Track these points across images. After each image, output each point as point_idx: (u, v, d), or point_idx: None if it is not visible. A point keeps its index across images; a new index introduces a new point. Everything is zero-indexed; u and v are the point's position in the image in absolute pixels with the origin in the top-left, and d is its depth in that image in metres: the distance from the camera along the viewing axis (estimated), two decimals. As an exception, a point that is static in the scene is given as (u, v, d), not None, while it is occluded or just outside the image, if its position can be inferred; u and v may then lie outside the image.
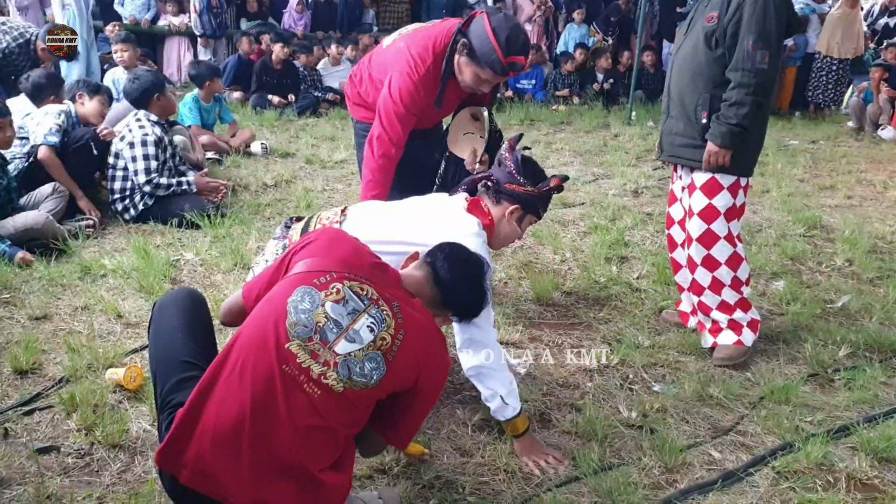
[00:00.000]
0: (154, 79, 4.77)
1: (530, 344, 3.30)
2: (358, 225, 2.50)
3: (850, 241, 4.74)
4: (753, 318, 3.22)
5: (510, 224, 2.61)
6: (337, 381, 1.79)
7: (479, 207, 2.55)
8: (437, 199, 2.67)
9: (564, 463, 2.46)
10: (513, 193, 2.59)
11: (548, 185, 2.61)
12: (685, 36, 3.14)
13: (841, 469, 2.47)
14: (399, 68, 3.02)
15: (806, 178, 6.68)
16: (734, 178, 3.05)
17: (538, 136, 8.07)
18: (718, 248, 3.12)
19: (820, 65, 10.10)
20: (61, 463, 2.35)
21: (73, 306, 3.41)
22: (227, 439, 1.74)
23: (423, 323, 1.95)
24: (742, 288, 3.18)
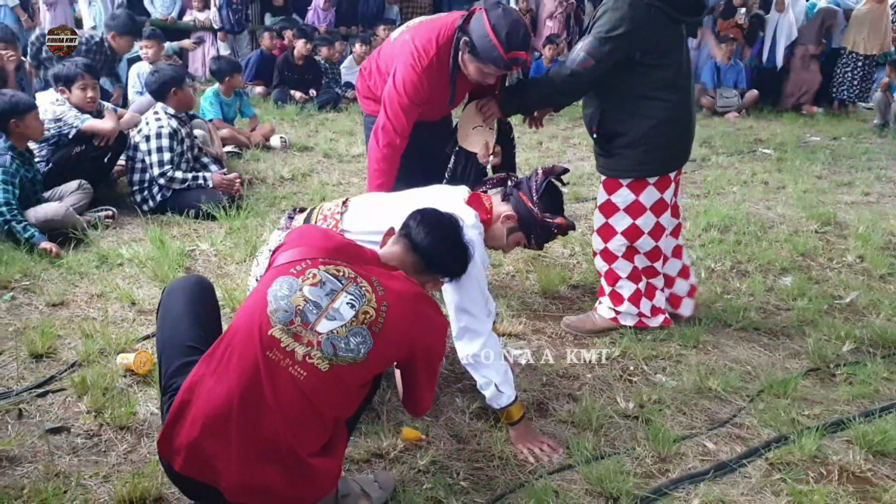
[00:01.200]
0: (173, 73, 4.87)
1: (533, 336, 3.34)
2: (359, 216, 2.56)
3: (863, 237, 4.72)
4: (656, 305, 3.37)
5: (501, 228, 2.67)
6: (322, 359, 1.84)
7: (479, 201, 2.60)
8: (438, 190, 2.72)
9: (559, 451, 2.50)
10: (519, 203, 2.64)
11: (553, 218, 2.65)
12: None
13: (834, 462, 2.49)
14: (403, 60, 3.08)
15: (824, 174, 6.64)
16: (631, 179, 3.17)
17: (556, 131, 8.09)
18: (615, 242, 3.26)
19: (846, 60, 10.00)
20: (71, 443, 2.44)
21: (89, 294, 3.51)
22: (216, 426, 1.80)
23: (406, 291, 1.99)
24: (641, 280, 3.33)
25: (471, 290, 2.44)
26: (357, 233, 2.52)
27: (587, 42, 2.98)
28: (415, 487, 2.30)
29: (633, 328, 3.33)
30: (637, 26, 2.91)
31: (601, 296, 3.42)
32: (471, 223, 2.48)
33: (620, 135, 3.11)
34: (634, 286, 3.31)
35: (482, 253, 2.52)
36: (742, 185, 6.12)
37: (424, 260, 2.12)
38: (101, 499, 2.18)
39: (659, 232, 3.27)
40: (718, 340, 3.34)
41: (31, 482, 2.21)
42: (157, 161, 4.61)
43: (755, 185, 6.11)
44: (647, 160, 3.15)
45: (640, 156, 3.13)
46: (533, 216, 2.63)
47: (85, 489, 2.21)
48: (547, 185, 2.66)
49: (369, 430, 2.54)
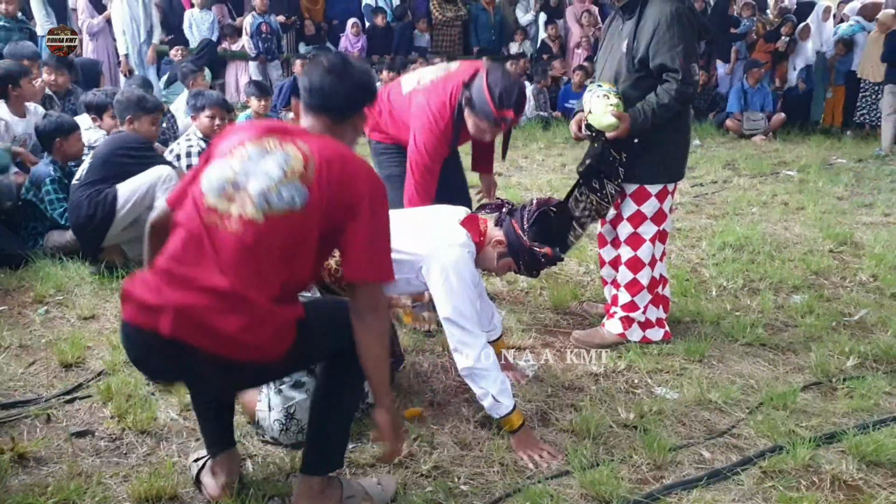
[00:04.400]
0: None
1: (542, 349, 3.44)
2: None
3: (878, 256, 4.75)
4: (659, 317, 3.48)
5: (492, 252, 2.76)
6: (256, 211, 1.93)
7: (474, 223, 2.70)
8: (436, 210, 2.84)
9: (558, 457, 2.59)
10: (510, 229, 2.73)
11: (540, 248, 2.72)
12: (604, 58, 3.44)
13: (827, 471, 2.54)
14: (422, 125, 3.35)
15: (846, 195, 6.65)
16: (660, 186, 3.33)
17: (580, 154, 8.14)
18: (643, 250, 3.39)
19: (864, 86, 10.01)
20: (94, 445, 2.59)
21: (118, 308, 3.66)
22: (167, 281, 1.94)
23: (333, 148, 2.03)
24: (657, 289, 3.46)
25: (462, 306, 2.55)
26: None
27: (675, 55, 3.10)
28: (416, 490, 2.41)
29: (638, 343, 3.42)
30: (694, 38, 3.20)
31: (613, 306, 3.50)
32: (460, 242, 2.60)
33: (657, 143, 3.25)
34: (650, 296, 3.42)
35: (472, 270, 2.62)
36: (762, 205, 6.17)
37: (325, 108, 2.12)
38: (120, 497, 2.32)
39: (666, 237, 3.48)
40: (723, 355, 3.41)
41: (55, 481, 2.35)
42: (189, 179, 4.82)
43: (775, 206, 6.15)
44: (673, 166, 3.38)
45: (669, 162, 3.34)
46: (521, 243, 2.71)
47: (105, 487, 2.35)
48: (539, 216, 2.74)
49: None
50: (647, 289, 3.42)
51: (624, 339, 3.44)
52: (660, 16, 3.12)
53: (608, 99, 3.17)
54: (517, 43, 11.93)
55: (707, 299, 4.03)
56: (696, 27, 3.20)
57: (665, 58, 3.11)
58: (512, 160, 7.86)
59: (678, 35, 3.11)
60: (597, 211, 3.38)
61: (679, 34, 3.11)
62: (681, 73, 3.10)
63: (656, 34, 3.12)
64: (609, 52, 3.39)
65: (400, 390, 2.98)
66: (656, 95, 3.15)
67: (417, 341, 3.41)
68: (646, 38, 3.15)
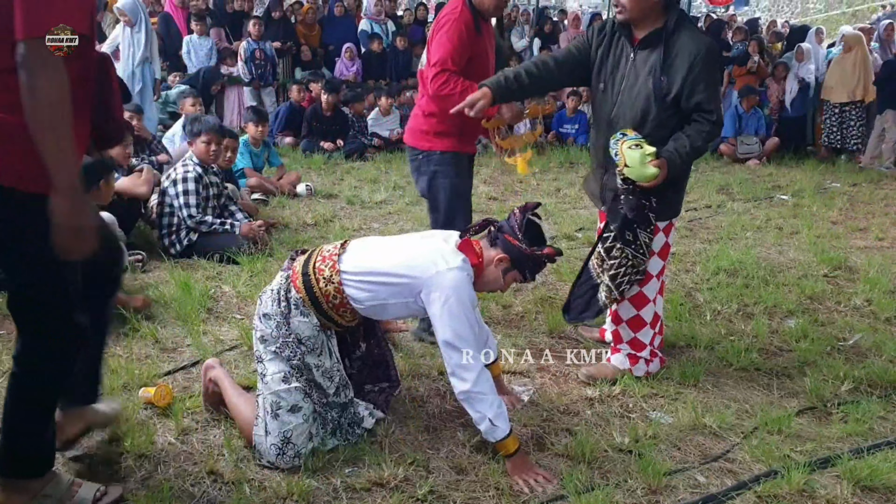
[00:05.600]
0: None
1: (538, 374, 3.46)
2: (356, 258, 2.72)
3: (872, 281, 4.78)
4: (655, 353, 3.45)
5: (496, 271, 2.76)
6: None
7: (469, 247, 2.72)
8: (430, 235, 2.87)
9: (553, 482, 2.60)
10: (507, 244, 2.74)
11: (541, 251, 2.74)
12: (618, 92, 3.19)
13: (822, 496, 2.56)
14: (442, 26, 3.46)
15: (840, 219, 6.70)
16: (668, 222, 3.29)
17: (575, 179, 8.25)
18: (650, 286, 3.34)
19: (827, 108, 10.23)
20: (92, 469, 2.58)
21: (115, 332, 3.69)
22: None
23: None
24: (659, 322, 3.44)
25: (461, 330, 2.57)
26: (353, 273, 2.68)
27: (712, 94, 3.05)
28: (412, 514, 2.43)
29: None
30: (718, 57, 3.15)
31: (618, 342, 3.45)
32: (457, 265, 2.62)
33: (671, 182, 3.13)
34: (653, 332, 3.39)
35: (471, 294, 2.65)
36: (756, 230, 6.21)
37: None
38: (117, 520, 2.33)
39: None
40: (718, 379, 3.43)
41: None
42: (184, 203, 4.87)
43: (769, 231, 6.19)
44: (677, 201, 3.32)
45: (675, 197, 3.29)
46: (524, 253, 2.73)
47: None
48: (528, 222, 2.77)
49: (371, 462, 2.66)
50: (651, 325, 3.38)
51: (629, 373, 3.40)
52: (696, 51, 3.00)
53: (642, 148, 3.01)
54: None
55: (702, 324, 4.06)
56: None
57: (702, 97, 3.01)
58: (507, 185, 7.92)
59: (713, 73, 3.05)
60: (633, 266, 3.20)
61: (713, 72, 3.05)
62: (715, 114, 3.04)
63: (692, 71, 2.99)
64: (623, 88, 3.16)
65: (396, 414, 2.99)
66: (688, 137, 3.04)
67: (413, 365, 3.43)
68: (680, 74, 3.01)
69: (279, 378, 2.68)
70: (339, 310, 2.70)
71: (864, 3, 26.67)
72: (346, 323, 2.78)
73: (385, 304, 2.70)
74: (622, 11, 3.10)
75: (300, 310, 2.70)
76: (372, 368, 3.07)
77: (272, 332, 2.70)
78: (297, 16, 11.43)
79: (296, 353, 2.68)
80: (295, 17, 11.44)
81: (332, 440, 2.75)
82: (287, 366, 2.69)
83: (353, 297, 2.68)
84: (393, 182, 7.63)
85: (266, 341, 2.72)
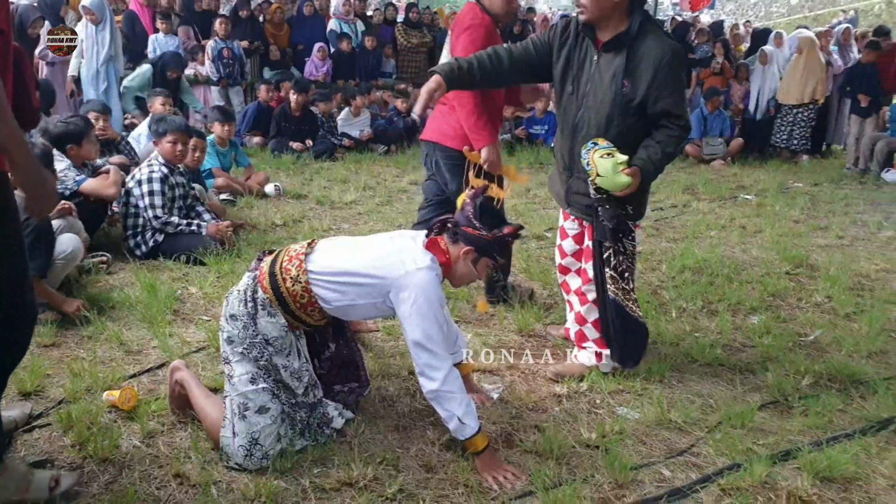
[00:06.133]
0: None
1: (507, 371, 3.48)
2: (323, 257, 2.72)
3: (833, 278, 4.88)
4: None
5: (466, 264, 2.75)
6: None
7: (436, 245, 2.73)
8: (399, 235, 2.87)
9: (522, 478, 2.62)
10: (468, 236, 2.72)
11: (502, 232, 2.72)
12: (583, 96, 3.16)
13: (783, 487, 2.61)
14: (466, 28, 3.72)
15: (802, 218, 6.82)
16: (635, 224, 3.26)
17: (545, 179, 8.23)
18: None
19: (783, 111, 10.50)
20: (54, 475, 2.55)
21: (80, 335, 3.66)
22: None
23: None
24: None
25: (430, 330, 2.58)
26: (320, 273, 2.67)
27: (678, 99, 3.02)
28: (381, 513, 2.43)
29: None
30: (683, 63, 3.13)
31: (583, 342, 3.47)
32: (426, 265, 2.63)
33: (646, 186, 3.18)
34: None
35: (439, 293, 2.65)
36: (720, 229, 6.31)
37: None
38: (81, 525, 2.31)
39: None
40: (683, 375, 3.47)
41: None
42: (149, 204, 4.82)
43: (733, 230, 6.29)
44: (643, 204, 3.30)
45: (643, 201, 3.28)
46: (487, 241, 2.72)
47: (65, 516, 2.33)
48: (480, 207, 2.76)
49: (341, 462, 2.66)
50: None
51: (597, 369, 3.43)
52: (660, 56, 2.95)
53: (613, 157, 2.98)
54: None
55: (667, 321, 4.11)
56: None
57: (668, 102, 2.98)
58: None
59: (679, 78, 3.01)
60: (627, 270, 3.22)
61: (679, 77, 3.01)
62: (683, 118, 3.02)
63: (657, 77, 2.95)
64: (590, 90, 3.12)
65: (365, 414, 3.00)
66: (658, 143, 3.03)
67: (383, 365, 3.43)
68: (645, 80, 2.97)
69: (247, 379, 2.67)
70: (306, 309, 2.70)
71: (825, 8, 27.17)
72: (315, 323, 2.78)
73: (353, 304, 2.70)
74: (584, 11, 3.05)
75: (267, 310, 2.69)
76: (341, 369, 3.07)
77: (239, 332, 2.69)
78: (265, 15, 11.36)
79: (263, 354, 2.67)
80: (263, 17, 11.37)
81: (301, 441, 2.74)
82: (255, 367, 2.68)
83: (321, 296, 2.68)
84: (363, 182, 7.62)
85: (233, 342, 2.70)
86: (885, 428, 3.06)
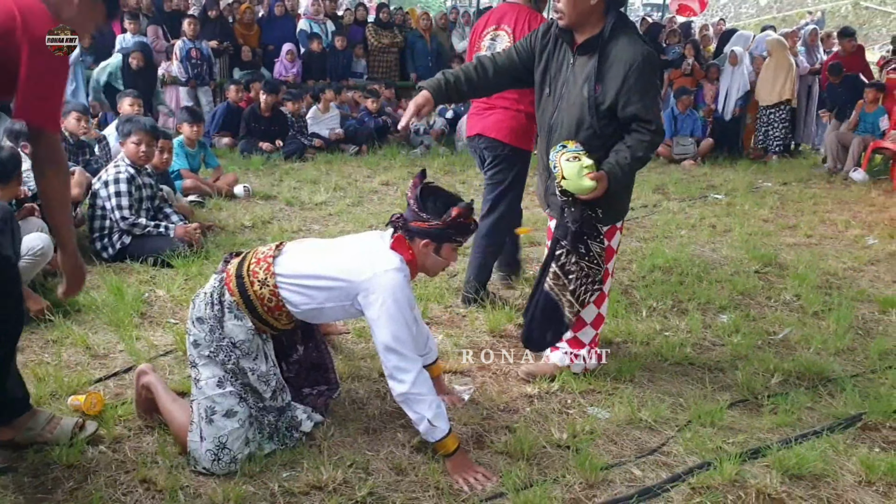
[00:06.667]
0: None
1: (478, 372, 3.47)
2: (291, 260, 2.69)
3: (801, 276, 4.93)
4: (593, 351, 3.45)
5: (430, 255, 2.73)
6: None
7: (402, 244, 2.70)
8: (367, 237, 2.84)
9: (492, 480, 2.61)
10: (420, 230, 2.68)
11: (452, 214, 2.66)
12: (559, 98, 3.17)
13: (752, 485, 2.62)
14: None
15: (771, 217, 6.89)
16: (610, 226, 3.25)
17: (516, 180, 8.29)
18: None
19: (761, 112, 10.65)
20: (17, 482, 2.50)
21: (44, 339, 3.59)
22: None
23: None
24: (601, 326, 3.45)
25: (399, 332, 2.57)
26: (288, 276, 2.65)
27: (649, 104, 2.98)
28: (351, 517, 2.41)
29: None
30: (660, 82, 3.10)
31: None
32: (394, 266, 2.61)
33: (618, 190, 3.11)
34: (594, 332, 3.40)
35: (408, 294, 2.64)
36: (690, 228, 6.35)
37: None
38: (45, 532, 2.26)
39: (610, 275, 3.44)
40: (653, 374, 3.49)
41: (-24, 519, 2.28)
42: (116, 205, 4.76)
43: (703, 229, 6.33)
44: (621, 206, 3.28)
45: (621, 203, 3.25)
46: (439, 229, 2.67)
47: (29, 524, 2.28)
48: (421, 195, 2.71)
49: (310, 465, 2.63)
50: (592, 325, 3.38)
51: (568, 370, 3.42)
52: (631, 60, 2.93)
53: (579, 161, 2.97)
54: (453, 69, 12.05)
55: (637, 320, 4.13)
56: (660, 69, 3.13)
57: (637, 107, 2.94)
58: (449, 185, 7.91)
59: (650, 82, 2.96)
60: (587, 276, 3.19)
61: (650, 81, 2.96)
62: (654, 123, 2.97)
63: (627, 81, 2.93)
64: (564, 94, 3.13)
65: (335, 417, 2.97)
66: (629, 148, 2.99)
67: (353, 368, 3.41)
68: (615, 84, 2.95)
69: (214, 383, 2.63)
70: (274, 313, 2.67)
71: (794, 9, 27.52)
72: (282, 326, 2.75)
73: (322, 307, 2.67)
74: (562, 17, 3.04)
75: (234, 313, 2.66)
76: (310, 372, 3.04)
77: (205, 336, 2.65)
78: (235, 15, 11.27)
79: (230, 357, 2.64)
80: (233, 17, 11.27)
81: (270, 444, 2.71)
82: (222, 370, 2.64)
83: (288, 300, 2.65)
84: (333, 183, 7.57)
85: (199, 345, 2.67)
86: (853, 425, 3.09)
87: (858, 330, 4.15)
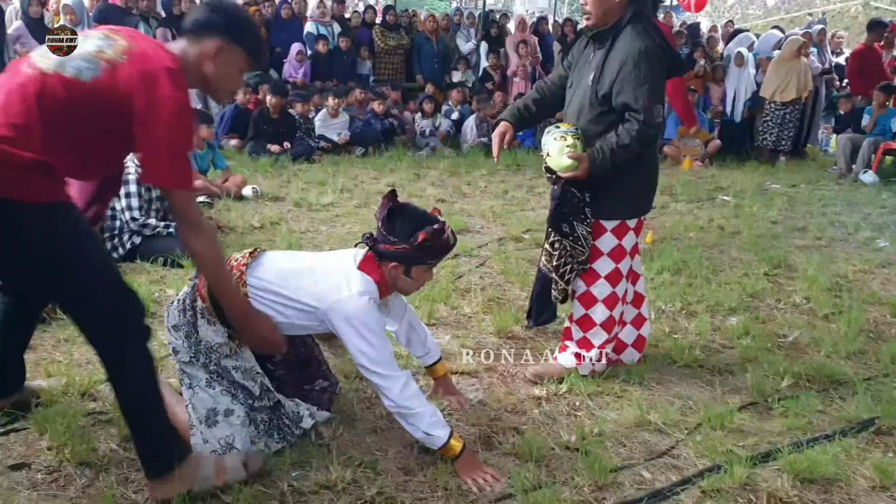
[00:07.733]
0: None
1: (485, 374, 3.46)
2: (265, 274, 2.67)
3: (811, 279, 4.91)
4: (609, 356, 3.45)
5: (400, 277, 2.69)
6: (48, 65, 2.13)
7: (370, 264, 2.67)
8: (341, 257, 2.77)
9: (501, 481, 2.61)
10: (389, 253, 2.64)
11: (419, 239, 2.59)
12: (575, 88, 3.29)
13: (763, 489, 2.61)
14: None
15: (779, 219, 6.88)
16: (618, 222, 3.25)
17: (522, 181, 8.34)
18: (599, 287, 3.33)
19: (767, 109, 10.51)
20: (31, 479, 2.51)
21: (57, 339, 3.60)
22: None
23: (153, 57, 2.19)
24: (614, 329, 3.40)
25: (372, 353, 2.56)
26: (259, 289, 2.64)
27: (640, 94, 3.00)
28: (360, 517, 2.41)
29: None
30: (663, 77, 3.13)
31: (566, 339, 3.47)
32: (359, 290, 2.57)
33: (614, 179, 3.14)
34: (606, 335, 3.37)
35: (375, 316, 2.60)
36: (699, 230, 6.34)
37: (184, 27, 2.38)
38: (56, 530, 2.27)
39: (635, 277, 3.46)
40: (662, 377, 3.48)
41: (-12, 516, 2.29)
42: (126, 206, 4.78)
43: (711, 231, 6.32)
44: (632, 202, 3.27)
45: (626, 198, 3.25)
46: (408, 252, 2.63)
47: (40, 522, 2.29)
48: (389, 218, 2.67)
49: (319, 465, 2.64)
50: (603, 326, 3.36)
51: (576, 371, 3.41)
52: (630, 51, 3.00)
53: (564, 140, 3.10)
54: (460, 72, 12.07)
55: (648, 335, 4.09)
56: (667, 65, 3.10)
57: (628, 96, 3.00)
58: (455, 186, 7.94)
59: (644, 74, 2.99)
60: (572, 256, 3.27)
61: (646, 73, 2.99)
62: (643, 114, 2.99)
63: (622, 71, 3.01)
64: (578, 82, 3.26)
65: (343, 416, 2.97)
66: (617, 135, 3.05)
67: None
68: (611, 74, 3.04)
69: (203, 384, 2.64)
70: None
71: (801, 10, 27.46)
72: None
73: (292, 323, 2.68)
74: (590, 17, 3.14)
75: (206, 318, 2.65)
76: (302, 368, 2.99)
77: (183, 342, 2.66)
78: (242, 17, 11.28)
79: (211, 359, 2.65)
80: (241, 19, 11.28)
81: (274, 442, 2.71)
82: (206, 373, 2.65)
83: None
84: (340, 185, 7.58)
85: (178, 352, 2.67)
86: (865, 429, 3.07)
87: (870, 333, 4.13)
